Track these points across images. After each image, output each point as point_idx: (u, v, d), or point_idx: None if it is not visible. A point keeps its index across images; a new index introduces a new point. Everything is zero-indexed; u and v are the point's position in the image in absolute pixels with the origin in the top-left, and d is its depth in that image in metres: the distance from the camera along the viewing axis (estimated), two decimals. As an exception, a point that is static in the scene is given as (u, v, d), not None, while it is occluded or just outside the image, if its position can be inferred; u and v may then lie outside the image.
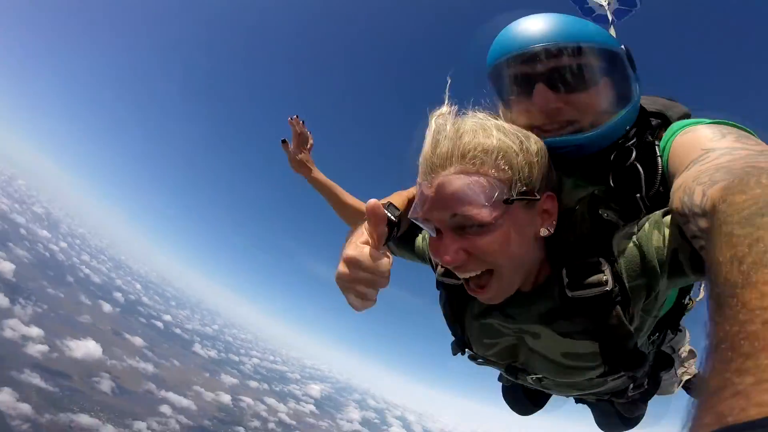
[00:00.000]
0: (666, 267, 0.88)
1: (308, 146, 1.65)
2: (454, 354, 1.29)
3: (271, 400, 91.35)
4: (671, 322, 1.17)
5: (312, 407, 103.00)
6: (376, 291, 0.86)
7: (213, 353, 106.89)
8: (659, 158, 0.97)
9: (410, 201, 1.21)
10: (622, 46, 1.04)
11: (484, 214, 0.84)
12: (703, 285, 1.19)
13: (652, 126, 1.05)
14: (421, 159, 0.93)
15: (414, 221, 0.97)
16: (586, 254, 0.94)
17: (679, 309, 1.16)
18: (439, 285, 1.20)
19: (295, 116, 1.62)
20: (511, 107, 1.04)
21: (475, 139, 0.88)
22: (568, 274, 0.94)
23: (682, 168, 0.85)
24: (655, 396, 1.41)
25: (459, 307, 1.17)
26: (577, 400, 1.59)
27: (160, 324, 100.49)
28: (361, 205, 1.58)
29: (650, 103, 1.11)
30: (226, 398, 79.34)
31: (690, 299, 1.17)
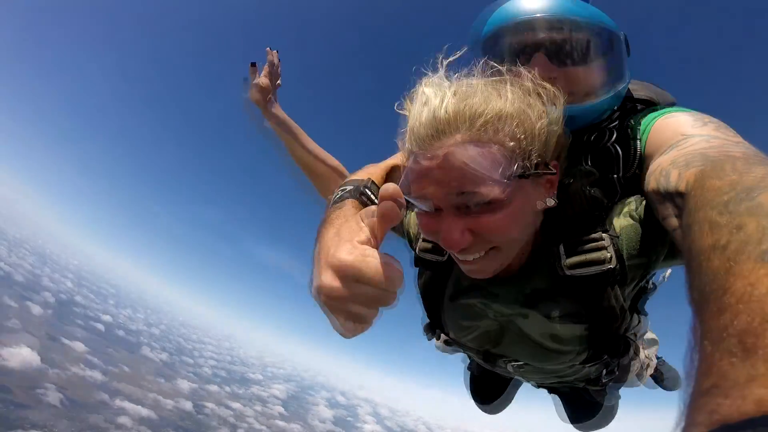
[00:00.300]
0: (666, 246, 0.85)
1: (277, 83, 1.59)
2: (429, 339, 1.21)
3: (236, 405, 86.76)
4: (635, 307, 1.11)
5: (280, 409, 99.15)
6: (378, 311, 0.61)
7: (164, 356, 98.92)
8: (638, 141, 0.97)
9: (388, 174, 1.09)
10: (621, 32, 1.04)
11: (496, 191, 0.73)
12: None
13: (636, 110, 1.05)
14: (414, 124, 0.78)
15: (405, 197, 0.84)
16: (585, 229, 0.88)
17: (641, 293, 1.12)
18: (418, 262, 1.10)
19: (275, 50, 1.58)
20: None
21: (488, 101, 0.75)
22: (566, 250, 0.88)
23: (660, 151, 0.85)
24: (624, 387, 1.37)
25: (438, 286, 1.08)
26: (550, 390, 1.52)
27: (101, 326, 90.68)
28: (325, 155, 1.47)
29: (640, 88, 1.12)
30: (187, 405, 74.09)
31: (653, 284, 1.16)
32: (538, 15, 0.95)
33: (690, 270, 0.47)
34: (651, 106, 1.06)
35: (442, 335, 1.16)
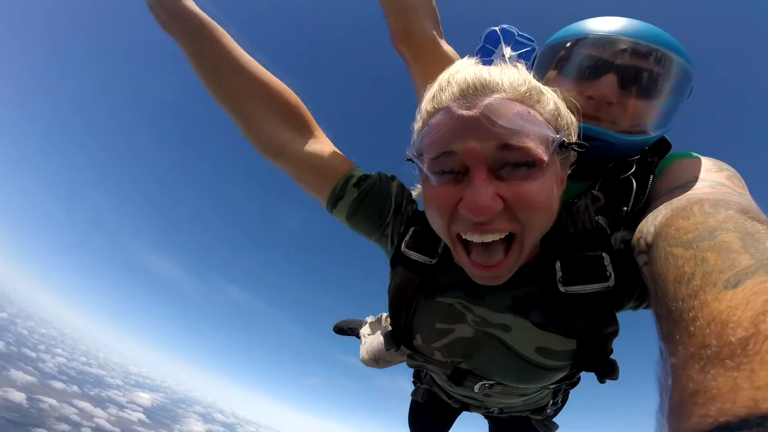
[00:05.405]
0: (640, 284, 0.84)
1: None
2: (392, 348, 1.11)
3: (84, 404, 74.95)
4: None
5: (141, 415, 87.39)
6: None
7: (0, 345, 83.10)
8: (651, 176, 0.95)
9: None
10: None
11: (541, 151, 0.68)
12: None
13: (655, 150, 1.03)
14: (442, 84, 0.74)
15: (416, 156, 0.77)
16: (586, 247, 0.86)
17: None
18: (399, 260, 1.01)
19: None
20: (562, 84, 0.95)
21: (528, 77, 0.74)
22: (562, 267, 0.85)
23: (670, 187, 0.85)
24: None
25: (416, 287, 0.99)
26: (493, 419, 1.55)
27: None
28: (257, 68, 1.01)
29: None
30: (18, 396, 62.63)
31: None
32: (628, 38, 0.92)
33: (657, 301, 0.52)
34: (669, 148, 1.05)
35: (405, 348, 1.08)
